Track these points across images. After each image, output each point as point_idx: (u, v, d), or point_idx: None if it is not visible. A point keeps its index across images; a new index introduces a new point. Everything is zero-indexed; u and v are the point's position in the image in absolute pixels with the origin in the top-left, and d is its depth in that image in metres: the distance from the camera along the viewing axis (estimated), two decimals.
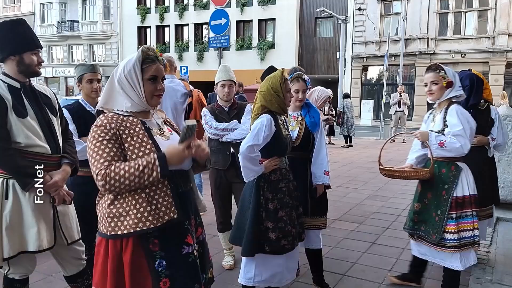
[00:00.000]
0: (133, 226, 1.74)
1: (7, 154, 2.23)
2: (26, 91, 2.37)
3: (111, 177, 1.68)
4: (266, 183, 2.71)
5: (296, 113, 3.21)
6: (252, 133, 2.62)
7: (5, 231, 2.27)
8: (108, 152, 1.72)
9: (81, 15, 31.18)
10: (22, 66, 2.32)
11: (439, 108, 3.05)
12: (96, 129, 1.76)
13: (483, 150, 3.72)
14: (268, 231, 2.66)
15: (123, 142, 1.77)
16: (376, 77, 24.44)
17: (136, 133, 1.80)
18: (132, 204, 1.76)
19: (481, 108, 3.71)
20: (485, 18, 21.15)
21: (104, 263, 1.79)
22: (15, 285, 2.42)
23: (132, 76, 1.81)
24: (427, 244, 3.01)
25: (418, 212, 3.06)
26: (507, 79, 20.52)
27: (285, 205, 2.72)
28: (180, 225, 1.84)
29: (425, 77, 3.02)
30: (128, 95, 1.84)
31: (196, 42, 28.57)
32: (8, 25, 2.33)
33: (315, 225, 3.15)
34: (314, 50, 26.57)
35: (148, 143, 1.79)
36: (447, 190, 2.91)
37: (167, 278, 1.77)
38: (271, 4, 26.03)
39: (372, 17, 23.24)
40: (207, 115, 3.59)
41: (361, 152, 11.56)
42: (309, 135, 3.13)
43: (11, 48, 2.31)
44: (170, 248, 1.80)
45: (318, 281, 3.27)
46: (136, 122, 1.84)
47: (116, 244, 1.77)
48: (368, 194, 6.43)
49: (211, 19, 10.21)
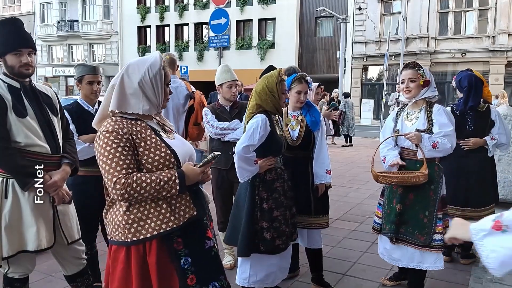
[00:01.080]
0: (156, 229, 1.75)
1: (7, 154, 2.23)
2: (26, 91, 2.36)
3: (133, 187, 1.68)
4: (261, 182, 2.72)
5: (296, 113, 3.20)
6: (247, 133, 2.62)
7: (4, 230, 2.27)
8: (124, 160, 1.71)
9: (81, 15, 31.15)
10: (8, 68, 2.30)
11: (416, 106, 3.00)
12: (108, 135, 1.73)
13: (483, 150, 3.72)
14: (263, 230, 2.66)
15: (136, 147, 1.77)
16: (376, 76, 24.43)
17: (148, 137, 1.81)
18: (152, 207, 1.77)
19: (480, 110, 3.70)
20: (485, 17, 21.14)
21: (126, 270, 1.78)
22: (14, 284, 2.42)
23: (157, 79, 1.85)
24: (410, 245, 2.91)
25: (400, 214, 2.94)
26: (507, 79, 20.51)
27: (280, 205, 2.72)
28: (200, 221, 1.88)
29: (403, 74, 2.98)
30: (149, 98, 1.85)
31: (196, 42, 28.56)
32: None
33: (318, 225, 3.15)
34: (314, 50, 26.55)
35: (162, 146, 1.82)
36: (434, 191, 2.87)
37: (193, 275, 1.80)
38: (271, 3, 26.01)
39: (372, 16, 23.22)
40: (208, 114, 3.59)
41: (362, 151, 11.56)
42: (310, 134, 3.12)
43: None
44: (193, 244, 1.83)
45: (318, 281, 3.27)
46: (145, 126, 1.85)
47: (139, 249, 1.77)
48: (369, 194, 6.43)
49: (211, 18, 10.21)
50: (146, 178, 1.70)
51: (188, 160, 1.92)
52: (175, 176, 1.75)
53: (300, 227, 3.13)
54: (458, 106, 3.76)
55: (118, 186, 1.67)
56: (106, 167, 1.71)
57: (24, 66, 2.30)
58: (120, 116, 1.84)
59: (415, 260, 2.92)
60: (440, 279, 3.47)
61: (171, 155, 1.81)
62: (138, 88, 1.82)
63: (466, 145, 3.65)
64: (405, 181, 2.80)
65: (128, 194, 1.68)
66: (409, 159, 2.96)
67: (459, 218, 3.89)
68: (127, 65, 1.87)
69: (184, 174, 1.78)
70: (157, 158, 1.78)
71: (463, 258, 3.82)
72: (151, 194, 1.72)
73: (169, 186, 1.73)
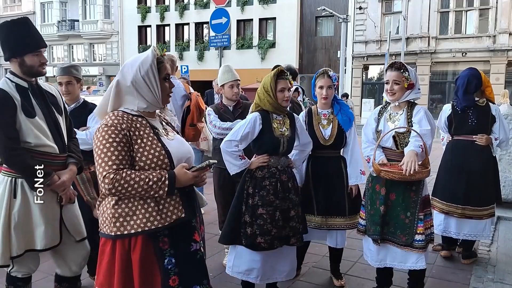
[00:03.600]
0: (141, 226, 1.76)
1: (16, 154, 2.24)
2: (33, 91, 2.38)
3: (120, 183, 1.69)
4: (250, 178, 2.77)
5: (327, 111, 3.18)
6: (234, 129, 2.78)
7: (13, 230, 2.29)
8: (117, 156, 1.72)
9: (81, 14, 31.13)
10: (24, 68, 2.32)
11: (399, 108, 2.95)
12: (106, 129, 1.74)
13: (487, 149, 3.72)
14: (246, 225, 2.70)
15: (132, 143, 1.77)
16: (376, 76, 24.40)
17: (146, 135, 1.81)
18: (140, 204, 1.77)
19: (480, 105, 3.71)
20: (486, 16, 21.10)
21: (110, 263, 1.79)
22: (17, 283, 2.44)
23: (150, 76, 1.82)
24: (393, 245, 2.88)
25: (384, 215, 2.86)
26: (508, 78, 20.46)
27: (267, 204, 2.70)
28: (188, 223, 1.88)
29: (388, 74, 2.91)
30: (143, 96, 1.83)
31: (196, 41, 28.54)
32: (9, 26, 2.31)
33: (350, 225, 3.17)
34: (315, 49, 26.52)
35: (158, 145, 1.81)
36: (415, 192, 2.82)
37: (176, 276, 1.79)
38: (271, 3, 25.99)
39: (372, 16, 23.20)
40: (211, 114, 3.60)
41: None
42: (341, 133, 3.12)
43: (12, 50, 2.30)
44: (179, 245, 1.83)
45: (333, 270, 3.39)
46: (145, 124, 1.85)
47: (124, 243, 1.78)
48: None
49: (212, 18, 10.21)
50: (135, 176, 1.70)
51: (186, 162, 1.90)
52: (165, 178, 1.75)
53: (333, 229, 3.16)
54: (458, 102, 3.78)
55: (107, 180, 1.69)
56: (99, 160, 1.72)
57: (42, 66, 2.36)
58: (122, 111, 1.84)
59: (397, 260, 2.89)
60: (441, 279, 3.47)
61: (165, 156, 1.81)
62: (131, 86, 1.82)
63: (480, 141, 3.64)
64: (408, 177, 2.64)
65: (115, 190, 1.70)
66: (391, 160, 2.91)
67: (459, 216, 3.88)
68: (123, 65, 1.88)
69: (175, 176, 1.77)
70: (150, 157, 1.78)
71: (464, 258, 3.82)
72: (139, 193, 1.72)
73: (158, 187, 1.74)
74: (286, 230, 2.76)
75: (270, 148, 2.77)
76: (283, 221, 2.74)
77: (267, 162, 2.76)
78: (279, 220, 2.72)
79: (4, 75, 2.44)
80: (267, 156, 2.77)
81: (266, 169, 2.77)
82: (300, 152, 3.03)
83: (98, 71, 31.32)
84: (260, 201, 2.71)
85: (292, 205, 2.80)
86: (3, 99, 2.22)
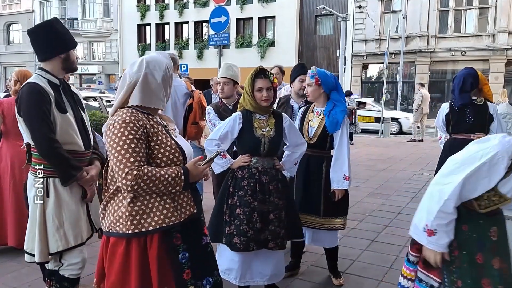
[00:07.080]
0: (159, 222, 1.78)
1: (55, 147, 2.27)
2: (64, 88, 2.44)
3: (143, 179, 1.70)
4: (232, 178, 2.78)
5: (320, 109, 3.15)
6: (216, 128, 2.84)
7: (50, 228, 2.34)
8: (138, 152, 1.73)
9: (80, 13, 31.08)
10: (67, 63, 2.40)
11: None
12: (125, 126, 1.74)
13: None
14: (226, 224, 2.71)
15: (149, 140, 1.80)
16: (376, 75, 24.42)
17: (160, 132, 1.85)
18: (157, 201, 1.80)
19: (478, 103, 3.73)
20: (485, 16, 21.11)
21: (125, 263, 1.79)
22: (63, 283, 2.46)
23: (170, 78, 1.95)
24: None
25: None
26: (507, 77, 20.49)
27: (244, 204, 2.66)
28: (198, 218, 1.95)
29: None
30: (166, 94, 1.95)
31: (196, 40, 28.52)
32: (47, 26, 2.37)
33: (327, 226, 3.13)
34: (314, 48, 26.53)
35: (172, 142, 1.87)
36: None
37: (189, 269, 1.84)
38: (271, 1, 25.96)
39: (372, 14, 23.19)
40: (211, 113, 3.60)
41: (361, 150, 11.56)
42: (326, 135, 3.05)
43: (61, 47, 2.37)
44: (191, 240, 1.89)
45: (331, 269, 3.37)
46: (157, 122, 1.89)
47: (140, 241, 1.79)
48: (368, 192, 6.44)
49: (211, 16, 10.20)
50: (156, 172, 1.74)
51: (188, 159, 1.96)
52: (181, 173, 1.80)
53: (307, 226, 3.15)
54: (455, 101, 3.82)
55: (130, 177, 1.69)
56: (120, 157, 1.71)
57: (76, 61, 2.49)
58: (134, 108, 1.85)
59: None
60: None
61: (180, 153, 1.86)
62: (161, 84, 1.88)
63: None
64: None
65: (137, 186, 1.71)
66: None
67: None
68: (145, 62, 1.86)
69: (188, 172, 1.83)
70: (166, 154, 1.82)
71: None
72: (158, 188, 1.76)
73: (175, 182, 1.78)
74: (265, 233, 2.68)
75: (251, 148, 2.74)
76: (262, 224, 2.66)
77: (248, 163, 2.74)
78: (256, 222, 2.64)
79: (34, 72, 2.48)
80: (249, 156, 2.74)
81: (246, 169, 2.73)
82: (291, 154, 2.93)
83: (97, 69, 31.28)
84: (238, 201, 2.68)
85: (272, 208, 2.70)
86: (41, 93, 2.27)
